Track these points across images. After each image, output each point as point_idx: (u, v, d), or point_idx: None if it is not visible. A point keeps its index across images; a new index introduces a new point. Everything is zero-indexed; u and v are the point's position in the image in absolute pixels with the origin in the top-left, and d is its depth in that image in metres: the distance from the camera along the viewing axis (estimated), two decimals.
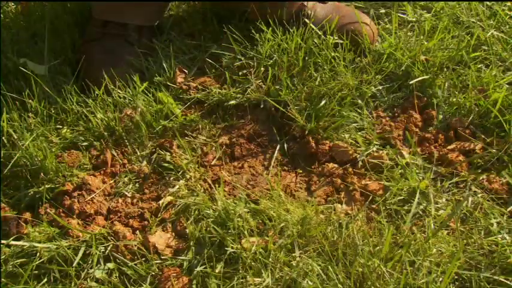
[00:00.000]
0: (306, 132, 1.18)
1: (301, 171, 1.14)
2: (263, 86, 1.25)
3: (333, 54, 1.26)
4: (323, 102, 1.18)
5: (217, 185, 1.08)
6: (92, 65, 1.29)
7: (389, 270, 0.91)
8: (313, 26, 1.29)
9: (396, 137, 1.17)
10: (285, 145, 1.19)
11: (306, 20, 1.31)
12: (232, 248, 0.95)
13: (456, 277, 0.93)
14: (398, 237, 0.98)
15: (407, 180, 1.07)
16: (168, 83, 1.27)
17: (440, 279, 0.91)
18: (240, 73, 1.28)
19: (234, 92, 1.25)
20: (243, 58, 1.29)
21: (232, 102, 1.24)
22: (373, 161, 1.11)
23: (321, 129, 1.18)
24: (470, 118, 1.17)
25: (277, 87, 1.23)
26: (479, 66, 1.27)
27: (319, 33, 1.29)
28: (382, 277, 0.90)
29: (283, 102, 1.21)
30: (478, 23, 1.36)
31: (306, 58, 1.26)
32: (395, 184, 1.06)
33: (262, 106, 1.23)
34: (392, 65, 1.28)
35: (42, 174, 1.11)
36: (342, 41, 1.28)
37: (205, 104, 1.25)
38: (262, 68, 1.27)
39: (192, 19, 1.46)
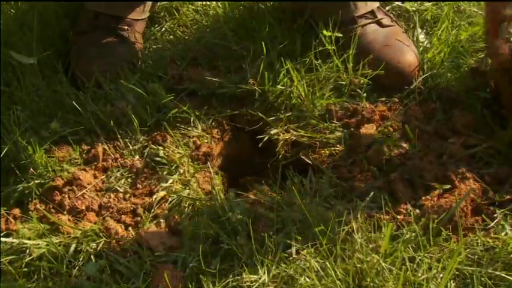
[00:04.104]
0: None
1: None
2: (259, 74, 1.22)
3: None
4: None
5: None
6: (83, 58, 1.28)
7: (389, 266, 0.89)
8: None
9: (396, 129, 1.15)
10: None
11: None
12: (227, 244, 0.94)
13: (457, 273, 0.91)
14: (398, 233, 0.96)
15: None
16: (161, 74, 1.25)
17: (441, 275, 0.89)
18: (235, 63, 1.26)
19: (228, 82, 1.23)
20: (237, 48, 1.27)
21: (226, 91, 1.22)
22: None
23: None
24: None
25: (272, 75, 1.21)
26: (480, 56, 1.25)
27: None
28: (381, 273, 0.89)
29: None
30: (480, 12, 1.34)
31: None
32: None
33: (257, 96, 1.21)
34: None
35: (31, 169, 1.10)
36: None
37: (199, 94, 1.23)
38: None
39: (185, 10, 1.43)
